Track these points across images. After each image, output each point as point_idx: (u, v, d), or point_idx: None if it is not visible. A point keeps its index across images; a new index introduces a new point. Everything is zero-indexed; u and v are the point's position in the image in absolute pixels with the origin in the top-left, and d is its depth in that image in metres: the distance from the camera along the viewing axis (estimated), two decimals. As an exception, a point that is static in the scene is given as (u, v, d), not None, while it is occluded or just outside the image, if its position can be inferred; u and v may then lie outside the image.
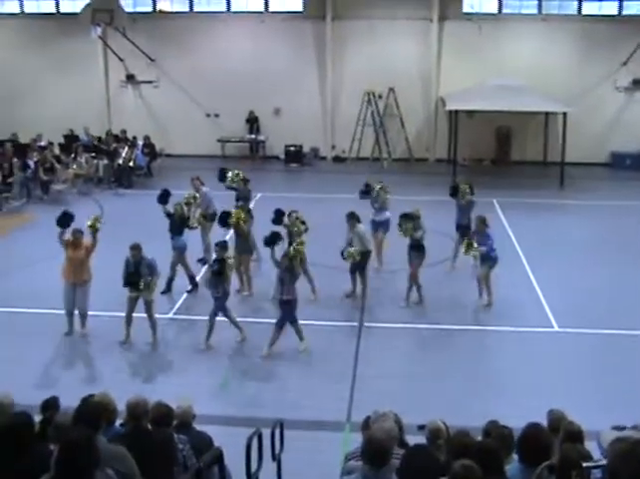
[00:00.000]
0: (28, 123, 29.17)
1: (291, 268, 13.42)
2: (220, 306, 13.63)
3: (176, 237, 16.07)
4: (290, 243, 14.59)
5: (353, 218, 15.98)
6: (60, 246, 14.03)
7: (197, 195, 17.67)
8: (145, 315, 13.75)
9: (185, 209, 16.41)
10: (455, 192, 17.85)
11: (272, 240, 13.85)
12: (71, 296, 13.99)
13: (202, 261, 17.51)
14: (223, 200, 18.09)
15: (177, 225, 16.06)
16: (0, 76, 30.82)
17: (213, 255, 14.51)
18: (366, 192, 18.03)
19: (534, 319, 15.08)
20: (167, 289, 16.00)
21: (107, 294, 14.33)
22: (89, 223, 14.02)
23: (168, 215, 16.13)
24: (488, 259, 15.41)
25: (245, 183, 18.43)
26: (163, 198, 16.36)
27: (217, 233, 17.22)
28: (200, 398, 9.48)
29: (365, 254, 15.88)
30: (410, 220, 15.56)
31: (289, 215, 15.97)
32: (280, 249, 13.95)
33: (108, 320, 14.18)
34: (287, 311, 13.41)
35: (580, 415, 7.19)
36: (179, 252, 16.14)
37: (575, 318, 15.03)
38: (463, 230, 17.37)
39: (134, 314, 13.77)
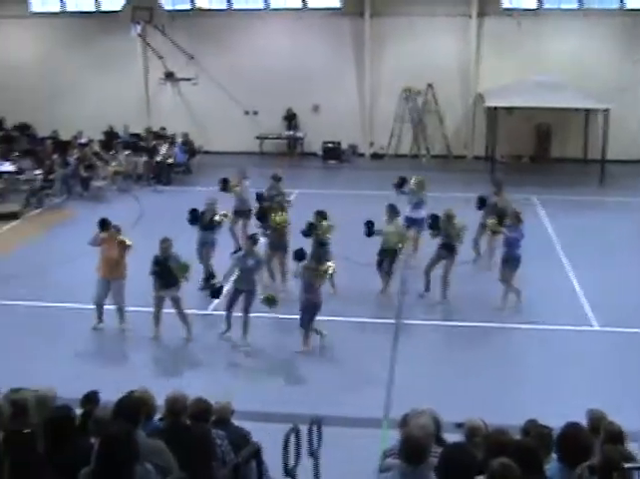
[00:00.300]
0: (69, 120, 29.52)
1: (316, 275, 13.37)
2: (251, 302, 13.64)
3: (208, 231, 16.11)
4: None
5: (393, 210, 15.93)
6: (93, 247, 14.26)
7: (238, 188, 17.77)
8: (174, 311, 13.88)
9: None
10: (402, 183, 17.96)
11: (301, 257, 13.88)
12: (102, 291, 14.11)
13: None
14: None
15: (208, 221, 16.10)
16: (42, 74, 31.25)
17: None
18: (399, 185, 17.94)
19: (573, 318, 14.92)
20: (206, 286, 16.04)
21: (143, 289, 14.35)
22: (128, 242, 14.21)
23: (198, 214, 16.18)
24: (512, 260, 15.13)
25: (278, 180, 18.39)
26: (194, 218, 16.10)
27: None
28: (238, 394, 9.50)
29: (395, 251, 15.84)
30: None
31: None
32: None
33: (146, 316, 14.21)
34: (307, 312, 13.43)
35: (621, 416, 7.12)
36: (212, 247, 16.25)
37: (616, 317, 14.82)
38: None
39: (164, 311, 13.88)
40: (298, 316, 13.52)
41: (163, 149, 26.82)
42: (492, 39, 29.46)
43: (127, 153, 27.30)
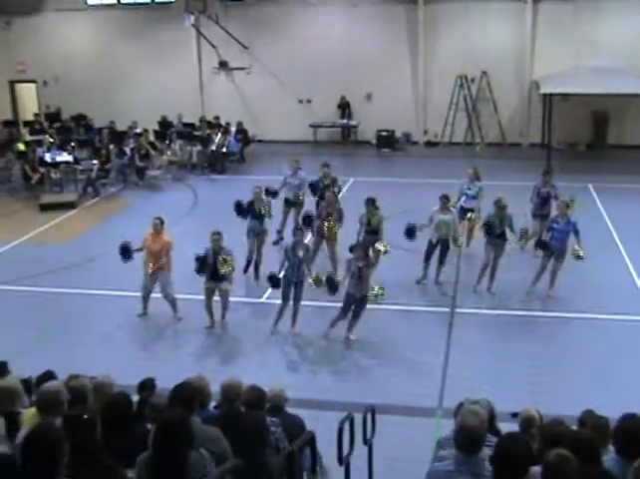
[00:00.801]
0: (124, 110, 29.91)
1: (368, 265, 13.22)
2: (301, 291, 13.64)
3: (261, 221, 16.17)
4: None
5: (447, 200, 15.77)
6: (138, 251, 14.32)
7: (295, 179, 17.94)
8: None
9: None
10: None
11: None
12: (149, 284, 14.28)
13: (277, 242, 17.79)
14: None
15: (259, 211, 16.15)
16: (97, 65, 31.70)
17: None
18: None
19: (632, 307, 14.68)
20: (256, 276, 16.15)
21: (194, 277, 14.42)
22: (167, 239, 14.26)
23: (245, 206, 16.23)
24: (562, 252, 14.90)
25: (328, 167, 18.36)
26: (240, 210, 16.14)
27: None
28: (291, 383, 9.55)
29: (446, 241, 15.70)
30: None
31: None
32: None
33: (198, 304, 14.28)
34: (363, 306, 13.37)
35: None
36: (264, 236, 16.34)
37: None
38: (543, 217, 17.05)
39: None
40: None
41: (217, 138, 26.97)
42: (548, 24, 29.03)
43: (181, 142, 27.54)
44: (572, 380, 11.91)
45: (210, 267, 13.57)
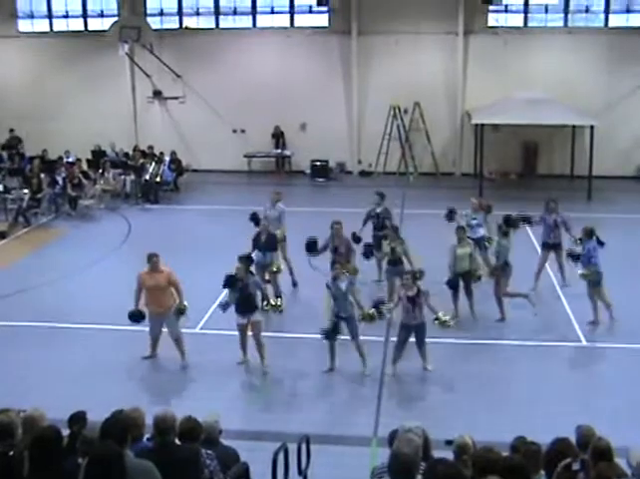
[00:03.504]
0: (57, 139, 29.51)
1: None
2: (355, 326, 13.24)
3: (268, 252, 16.00)
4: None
5: (464, 231, 15.81)
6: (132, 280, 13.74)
7: (274, 211, 17.44)
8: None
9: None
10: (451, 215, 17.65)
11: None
12: (157, 327, 13.66)
13: (295, 284, 17.51)
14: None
15: (267, 240, 15.98)
16: (30, 93, 31.25)
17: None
18: (450, 216, 17.64)
19: (562, 334, 15.00)
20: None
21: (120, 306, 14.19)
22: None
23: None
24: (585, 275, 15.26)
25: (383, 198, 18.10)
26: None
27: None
28: (227, 413, 9.46)
29: (469, 272, 15.61)
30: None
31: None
32: None
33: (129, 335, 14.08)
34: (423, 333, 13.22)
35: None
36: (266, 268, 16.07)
37: (610, 333, 15.01)
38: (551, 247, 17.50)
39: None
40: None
41: (151, 167, 26.80)
42: (479, 57, 29.62)
43: (114, 171, 27.29)
44: (506, 407, 12.04)
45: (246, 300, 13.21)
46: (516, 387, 12.90)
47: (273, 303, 13.77)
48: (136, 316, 13.56)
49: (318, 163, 30.40)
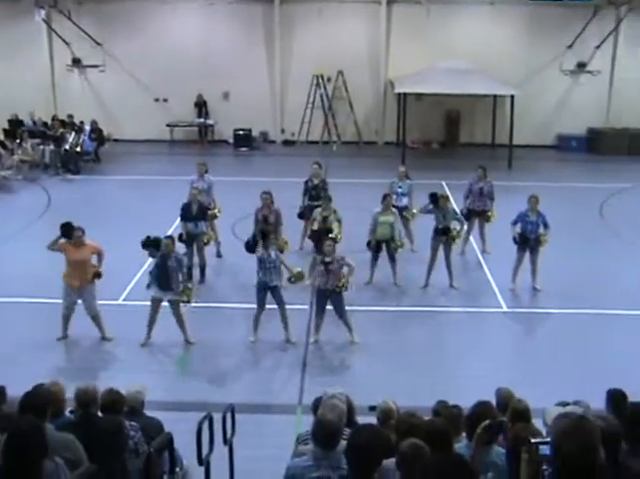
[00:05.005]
0: (-29, 108, 28.69)
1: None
2: (281, 295, 13.27)
3: (200, 222, 15.85)
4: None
5: (390, 199, 15.88)
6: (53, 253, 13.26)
7: (203, 183, 17.23)
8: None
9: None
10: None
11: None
12: (72, 301, 13.20)
13: (219, 255, 17.45)
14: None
15: (199, 210, 15.85)
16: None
17: None
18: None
19: (486, 300, 15.31)
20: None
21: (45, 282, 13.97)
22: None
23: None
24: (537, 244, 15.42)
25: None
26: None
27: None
28: (151, 384, 9.40)
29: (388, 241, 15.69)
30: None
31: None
32: None
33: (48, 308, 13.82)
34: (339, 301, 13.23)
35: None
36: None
37: (528, 300, 15.41)
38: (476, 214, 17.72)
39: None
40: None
41: (71, 137, 26.27)
42: (401, 26, 29.76)
43: (33, 141, 26.66)
44: (430, 372, 12.23)
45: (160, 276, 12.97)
46: (439, 353, 13.13)
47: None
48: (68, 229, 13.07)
49: (241, 132, 30.24)
